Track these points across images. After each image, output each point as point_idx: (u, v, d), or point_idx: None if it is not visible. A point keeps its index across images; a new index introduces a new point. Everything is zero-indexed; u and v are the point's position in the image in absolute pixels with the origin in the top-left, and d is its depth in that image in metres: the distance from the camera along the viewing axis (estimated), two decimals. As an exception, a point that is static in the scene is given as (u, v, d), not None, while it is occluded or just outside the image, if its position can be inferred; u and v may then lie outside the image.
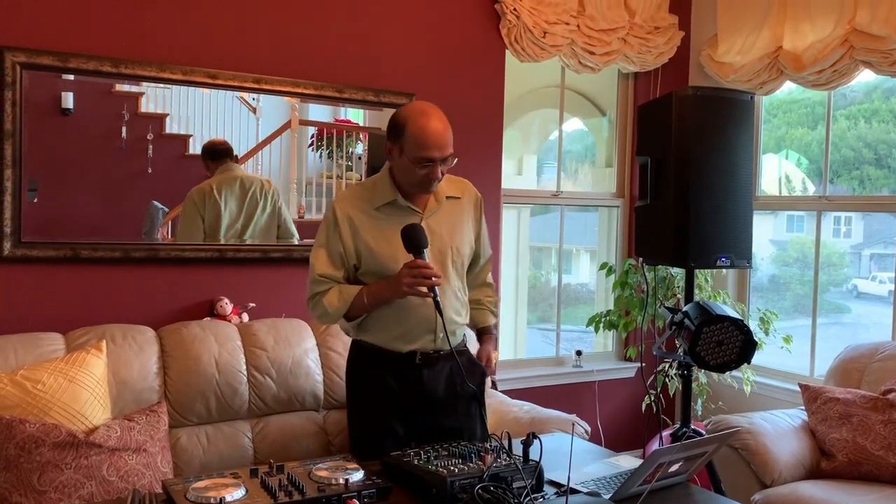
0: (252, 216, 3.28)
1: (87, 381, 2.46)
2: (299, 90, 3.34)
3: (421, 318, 2.28)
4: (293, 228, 3.42)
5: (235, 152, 3.28)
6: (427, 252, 2.18)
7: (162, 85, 3.09)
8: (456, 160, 2.28)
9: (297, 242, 3.41)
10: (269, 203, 3.34)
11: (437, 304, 2.14)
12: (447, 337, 2.23)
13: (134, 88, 3.08)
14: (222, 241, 3.23)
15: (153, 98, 3.12)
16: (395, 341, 2.30)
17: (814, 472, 3.05)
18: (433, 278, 2.13)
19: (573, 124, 4.97)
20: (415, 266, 2.14)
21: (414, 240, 2.16)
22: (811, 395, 3.19)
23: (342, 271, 2.31)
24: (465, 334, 2.46)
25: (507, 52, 3.88)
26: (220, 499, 1.73)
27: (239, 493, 1.78)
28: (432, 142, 2.18)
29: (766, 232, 4.75)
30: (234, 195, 3.25)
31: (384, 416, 2.31)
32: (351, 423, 2.46)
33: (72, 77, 2.92)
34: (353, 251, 2.28)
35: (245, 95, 3.31)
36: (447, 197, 2.38)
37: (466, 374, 2.29)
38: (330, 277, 2.29)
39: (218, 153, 3.24)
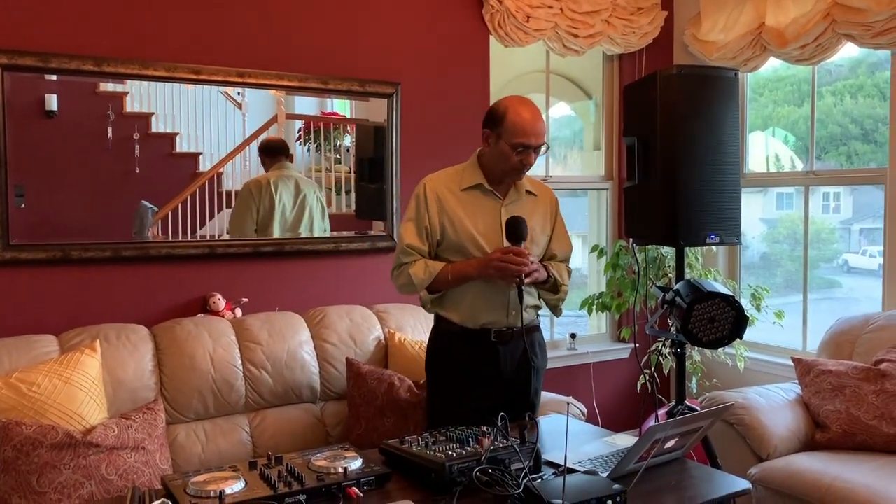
0: (303, 212, 3.44)
1: (83, 382, 2.47)
2: (283, 83, 3.33)
3: (493, 296, 2.42)
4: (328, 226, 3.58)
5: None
6: (524, 245, 2.36)
7: (145, 82, 3.07)
8: (548, 149, 2.48)
9: (304, 236, 3.47)
10: (319, 203, 3.51)
11: (519, 290, 2.33)
12: (521, 314, 2.38)
13: (118, 88, 3.06)
14: (276, 234, 3.37)
15: (138, 97, 3.10)
16: (468, 316, 2.44)
17: (809, 445, 3.08)
18: (525, 266, 2.31)
19: (560, 109, 4.97)
20: (509, 251, 2.32)
21: (517, 229, 2.35)
22: (804, 369, 3.21)
23: (427, 245, 2.46)
24: (538, 315, 2.60)
25: (491, 37, 3.87)
26: (220, 492, 1.74)
27: (238, 485, 1.79)
28: (530, 129, 2.37)
29: (755, 211, 4.77)
30: (290, 191, 3.40)
31: (458, 389, 2.45)
32: (429, 395, 2.60)
33: (55, 78, 2.90)
34: (437, 226, 2.44)
35: (230, 91, 3.29)
36: (526, 191, 2.54)
37: (538, 350, 2.53)
38: (416, 250, 2.45)
39: (274, 150, 3.39)
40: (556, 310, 2.62)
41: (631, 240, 3.11)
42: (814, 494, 2.70)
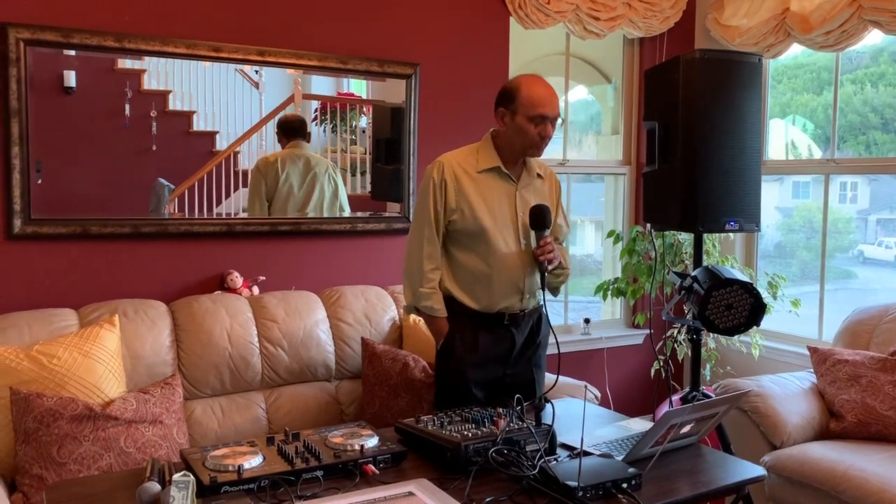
0: (311, 193, 3.42)
1: (102, 356, 2.49)
2: (302, 62, 3.32)
3: (508, 280, 2.47)
4: (346, 206, 3.55)
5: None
6: (547, 232, 2.45)
7: (162, 60, 3.07)
8: (563, 122, 2.50)
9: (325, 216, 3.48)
10: (331, 183, 3.48)
11: (542, 276, 2.44)
12: (543, 296, 2.47)
13: (136, 65, 3.06)
14: (281, 213, 3.35)
15: (155, 75, 3.10)
16: (486, 304, 2.48)
17: (823, 434, 3.07)
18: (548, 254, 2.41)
19: (578, 93, 4.93)
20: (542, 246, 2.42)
21: (543, 219, 2.42)
22: (820, 358, 3.20)
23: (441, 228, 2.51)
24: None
25: (511, 18, 3.84)
26: (239, 466, 1.76)
27: (256, 460, 1.81)
28: (547, 100, 2.43)
29: (771, 199, 4.72)
30: (297, 170, 3.39)
31: (469, 367, 2.48)
32: (437, 373, 2.61)
33: (73, 53, 2.91)
34: (453, 209, 2.46)
35: (246, 69, 3.29)
36: (537, 174, 2.58)
37: (543, 326, 2.58)
38: (436, 231, 2.49)
39: (291, 130, 3.38)
40: (555, 291, 2.67)
41: (648, 225, 3.10)
42: (827, 483, 2.70)
